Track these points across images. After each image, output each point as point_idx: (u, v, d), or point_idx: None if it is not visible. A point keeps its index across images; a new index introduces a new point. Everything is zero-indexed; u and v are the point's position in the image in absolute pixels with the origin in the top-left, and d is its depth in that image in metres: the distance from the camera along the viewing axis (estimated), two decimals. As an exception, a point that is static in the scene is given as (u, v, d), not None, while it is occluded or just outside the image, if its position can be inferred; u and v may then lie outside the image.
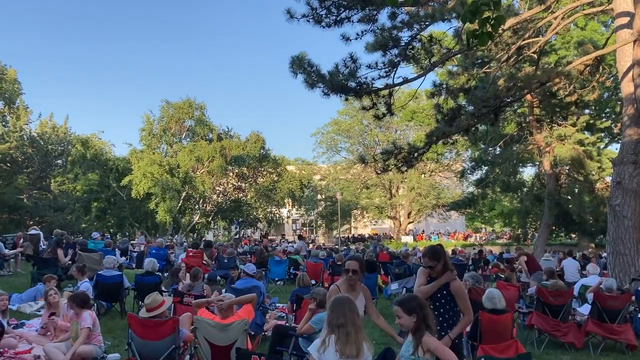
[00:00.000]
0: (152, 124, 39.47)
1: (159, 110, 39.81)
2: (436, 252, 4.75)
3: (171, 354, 5.62)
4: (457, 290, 4.68)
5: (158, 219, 35.16)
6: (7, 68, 47.34)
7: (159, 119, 39.47)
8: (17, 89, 48.05)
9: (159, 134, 39.54)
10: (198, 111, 39.79)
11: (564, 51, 25.01)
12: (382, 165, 14.24)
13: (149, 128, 39.43)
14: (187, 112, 39.03)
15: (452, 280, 4.69)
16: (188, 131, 40.23)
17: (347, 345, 3.61)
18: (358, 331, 3.69)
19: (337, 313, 3.75)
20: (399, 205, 48.91)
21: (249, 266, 10.28)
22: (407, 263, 15.33)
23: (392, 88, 13.18)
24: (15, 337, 7.64)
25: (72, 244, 14.07)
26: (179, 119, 38.95)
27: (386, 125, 45.21)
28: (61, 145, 44.68)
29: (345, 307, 3.78)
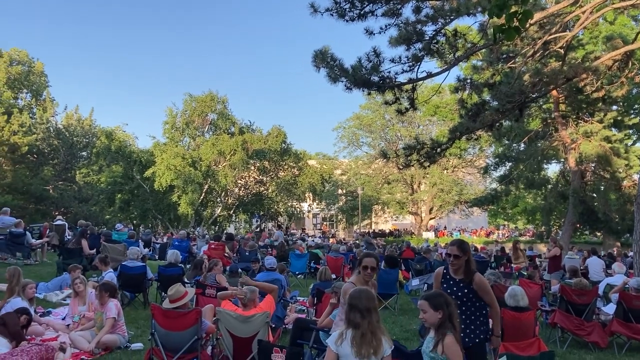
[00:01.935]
0: (175, 117, 39.86)
1: (182, 103, 40.24)
2: (465, 244, 4.74)
3: (193, 344, 5.69)
4: (480, 284, 4.63)
5: (180, 211, 35.56)
6: (34, 61, 48.24)
7: (182, 112, 39.84)
8: (44, 81, 48.95)
9: (182, 127, 39.92)
10: (220, 105, 40.04)
11: (592, 46, 24.54)
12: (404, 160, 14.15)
13: (172, 121, 39.83)
14: (209, 106, 39.30)
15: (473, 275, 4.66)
16: (210, 125, 40.52)
17: (362, 347, 3.62)
18: (375, 330, 3.68)
19: (355, 311, 3.74)
20: (420, 201, 48.63)
21: (269, 259, 10.35)
22: (428, 259, 15.27)
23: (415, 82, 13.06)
24: (42, 325, 7.82)
25: (96, 235, 14.28)
26: (202, 112, 39.25)
27: (409, 120, 44.95)
28: (86, 137, 45.38)
29: (363, 304, 3.75)
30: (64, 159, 43.42)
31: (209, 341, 6.08)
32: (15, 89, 46.03)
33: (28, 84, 47.39)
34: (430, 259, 15.40)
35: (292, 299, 9.99)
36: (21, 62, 47.26)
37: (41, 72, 48.55)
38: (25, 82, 46.98)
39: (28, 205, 39.41)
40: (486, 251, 23.32)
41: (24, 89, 47.55)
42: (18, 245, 14.24)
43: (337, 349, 3.71)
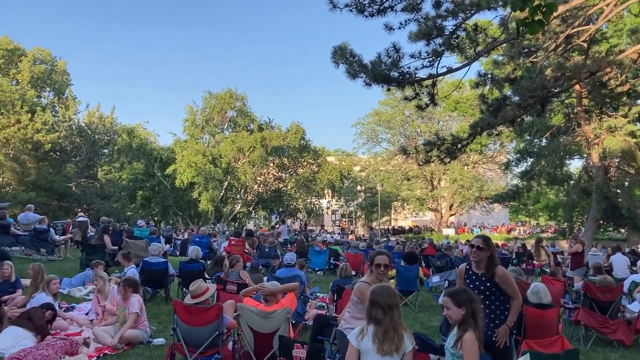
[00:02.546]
0: (195, 114, 40.16)
1: (201, 101, 40.51)
2: (490, 240, 4.72)
3: (215, 340, 5.73)
4: (502, 276, 4.59)
5: (201, 208, 35.86)
6: (57, 60, 48.96)
7: (201, 110, 40.13)
8: (66, 80, 49.70)
9: (202, 125, 40.19)
10: (239, 102, 40.23)
11: (616, 39, 24.09)
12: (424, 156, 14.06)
13: (192, 118, 40.13)
14: (228, 103, 39.50)
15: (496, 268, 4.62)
16: (230, 122, 40.73)
17: (385, 343, 3.62)
18: (397, 327, 3.68)
19: (377, 307, 3.74)
20: (440, 198, 48.34)
21: (288, 255, 10.37)
22: (449, 256, 15.16)
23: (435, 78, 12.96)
24: (66, 320, 7.95)
25: (118, 231, 14.45)
26: (221, 109, 39.47)
27: (428, 115, 44.66)
28: (108, 134, 45.92)
29: (384, 301, 3.74)
30: (86, 157, 43.99)
31: (230, 337, 6.12)
32: (39, 88, 46.79)
33: (51, 82, 48.16)
34: (451, 256, 15.30)
35: (312, 295, 10.00)
36: (44, 61, 48.03)
37: (63, 71, 49.29)
38: (48, 80, 47.74)
39: (51, 202, 40.03)
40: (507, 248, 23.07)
41: (46, 87, 48.34)
42: (42, 241, 14.49)
43: (359, 345, 3.72)
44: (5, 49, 45.13)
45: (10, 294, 8.67)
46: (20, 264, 11.27)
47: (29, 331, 6.59)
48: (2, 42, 45.03)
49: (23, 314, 6.97)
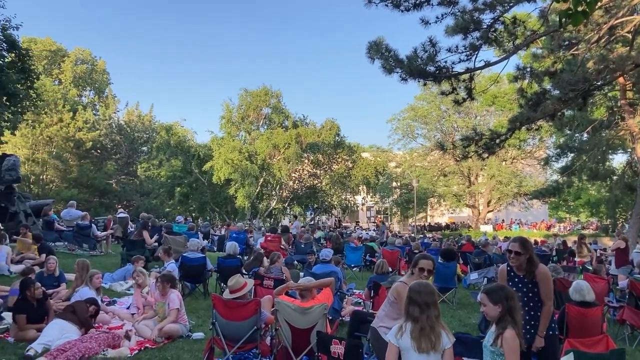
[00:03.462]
0: (231, 111, 40.59)
1: (237, 98, 40.90)
2: (527, 242, 4.61)
3: (253, 334, 5.78)
4: (543, 275, 4.49)
5: (237, 204, 36.27)
6: (97, 59, 50.19)
7: (237, 107, 40.51)
8: (106, 79, 50.95)
9: (238, 122, 40.58)
10: (274, 99, 40.46)
11: (662, 30, 23.24)
12: (461, 152, 13.89)
13: (229, 116, 40.57)
14: (264, 100, 39.77)
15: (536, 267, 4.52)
16: (265, 119, 41.02)
17: (421, 340, 3.62)
18: (434, 325, 3.67)
19: (414, 304, 3.74)
20: (478, 194, 47.64)
21: (324, 251, 10.39)
22: (487, 253, 14.93)
23: (473, 72, 12.78)
24: (108, 314, 8.16)
25: (158, 227, 14.72)
26: (257, 106, 39.78)
27: (465, 110, 44.01)
28: (146, 132, 46.85)
29: (422, 299, 3.74)
30: (126, 154, 45.02)
31: (267, 331, 6.17)
32: (80, 87, 48.09)
33: (91, 81, 49.45)
34: (489, 253, 15.06)
35: (348, 292, 10.00)
36: (85, 61, 49.31)
37: (103, 70, 50.52)
38: (88, 80, 49.03)
39: (92, 198, 41.13)
40: (547, 245, 22.56)
41: (87, 86, 49.65)
42: (84, 237, 14.89)
43: (398, 342, 3.73)
44: (48, 50, 46.48)
45: (55, 288, 8.96)
46: (64, 259, 11.61)
47: (74, 324, 6.78)
48: (46, 43, 46.38)
49: (68, 307, 7.18)
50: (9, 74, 12.84)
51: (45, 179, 41.46)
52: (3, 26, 13.15)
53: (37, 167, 39.88)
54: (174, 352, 6.51)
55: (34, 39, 43.08)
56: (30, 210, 15.94)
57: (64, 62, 47.06)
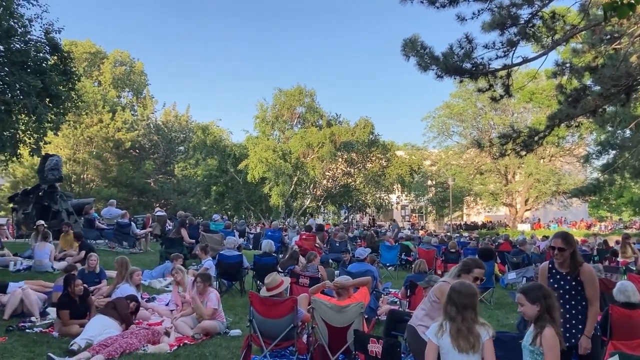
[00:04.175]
0: (265, 111, 40.91)
1: (271, 98, 41.17)
2: (569, 236, 4.51)
3: (290, 332, 5.81)
4: (588, 275, 4.39)
5: (272, 203, 36.52)
6: (135, 61, 51.25)
7: (271, 107, 40.78)
8: (144, 80, 51.97)
9: (272, 121, 40.86)
10: (308, 98, 40.59)
11: None
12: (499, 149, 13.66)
13: (263, 115, 40.90)
14: (298, 99, 39.93)
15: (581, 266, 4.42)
16: (299, 118, 41.19)
17: (459, 340, 3.61)
18: (470, 326, 3.64)
19: (452, 304, 3.73)
20: (515, 192, 46.81)
21: (360, 250, 10.36)
22: (525, 252, 14.66)
23: (510, 68, 12.56)
24: (148, 310, 8.33)
25: (195, 225, 14.94)
26: (291, 106, 39.98)
27: (502, 107, 43.30)
28: (183, 132, 47.61)
29: (460, 300, 3.71)
30: (164, 154, 45.85)
31: (304, 329, 6.19)
32: (119, 88, 49.17)
33: (130, 83, 50.51)
34: (527, 252, 14.77)
35: (384, 291, 9.96)
36: (123, 63, 50.39)
37: (141, 72, 51.55)
38: (127, 81, 50.10)
39: (131, 197, 42.06)
40: (588, 244, 22.02)
41: (126, 88, 50.74)
42: (124, 235, 15.23)
43: (438, 341, 3.73)
44: (88, 52, 47.64)
45: (96, 285, 9.19)
46: (104, 256, 11.89)
47: (115, 320, 6.95)
48: (86, 45, 47.55)
49: (109, 304, 7.37)
50: (51, 76, 13.21)
51: (86, 178, 42.55)
52: (46, 30, 13.52)
53: (78, 167, 40.94)
54: (212, 348, 6.60)
55: (74, 41, 44.18)
56: (72, 208, 16.40)
57: (103, 64, 48.18)
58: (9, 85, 12.50)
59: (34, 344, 6.54)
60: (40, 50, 13.42)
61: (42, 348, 6.36)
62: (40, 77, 12.77)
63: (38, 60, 13.25)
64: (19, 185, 35.27)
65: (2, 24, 11.76)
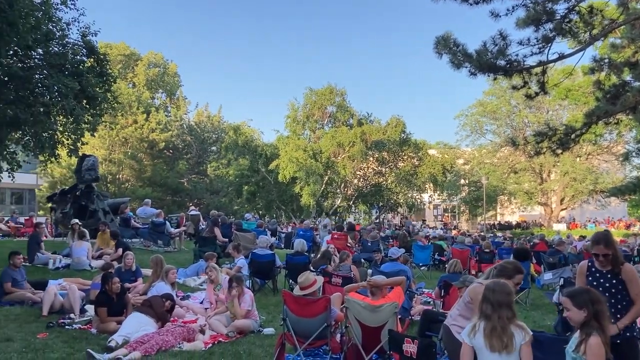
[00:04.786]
0: (296, 111, 41.05)
1: (302, 97, 41.29)
2: (609, 238, 4.38)
3: (323, 331, 5.80)
4: (629, 274, 4.27)
5: (302, 202, 36.63)
6: (168, 62, 52.02)
7: (302, 106, 40.89)
8: (177, 81, 52.73)
9: (303, 121, 40.98)
10: (339, 97, 40.54)
11: None
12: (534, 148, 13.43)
13: (294, 115, 41.05)
14: (328, 99, 39.94)
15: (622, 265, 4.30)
16: (330, 117, 41.19)
17: (493, 339, 3.56)
18: (505, 325, 3.58)
19: (487, 302, 3.68)
20: (550, 191, 45.91)
21: (393, 249, 10.30)
22: (561, 252, 14.37)
23: (545, 65, 12.34)
24: (182, 308, 8.44)
25: (228, 225, 15.09)
26: (322, 105, 40.01)
27: (537, 105, 42.51)
28: (215, 132, 48.13)
29: (495, 298, 3.66)
30: (196, 154, 46.44)
31: (338, 329, 6.18)
32: (152, 90, 49.97)
33: (163, 84, 51.30)
34: (564, 252, 14.47)
35: (418, 291, 9.88)
36: (157, 65, 51.21)
37: (174, 73, 52.31)
38: (160, 82, 50.89)
39: (165, 197, 42.73)
40: (627, 244, 21.43)
41: (159, 89, 51.53)
42: (159, 233, 15.48)
43: (471, 341, 3.69)
44: (123, 54, 48.55)
45: (132, 283, 9.36)
46: (140, 255, 12.08)
47: (151, 318, 7.06)
48: (120, 48, 48.46)
49: (145, 302, 7.49)
50: (88, 78, 13.47)
51: (122, 178, 43.40)
52: (83, 33, 13.80)
53: (113, 167, 41.78)
54: (246, 346, 6.64)
55: (109, 44, 45.06)
56: (108, 208, 16.73)
57: (137, 66, 49.05)
58: (48, 88, 12.79)
59: (73, 340, 6.70)
60: (78, 53, 13.70)
61: (81, 344, 6.50)
62: (78, 79, 13.03)
63: (75, 63, 13.54)
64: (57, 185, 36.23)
65: (42, 28, 12.05)
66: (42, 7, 12.21)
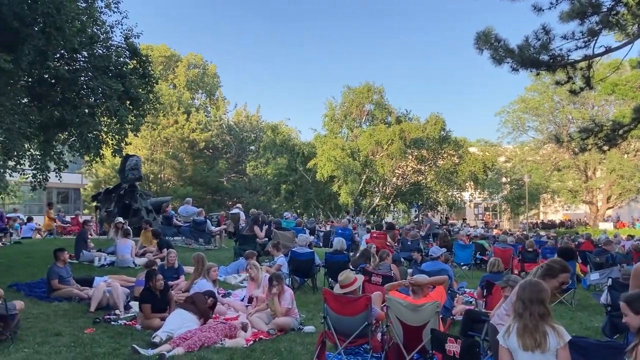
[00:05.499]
0: (334, 109, 41.00)
1: (340, 96, 41.23)
2: None
3: (364, 330, 5.79)
4: None
5: (340, 201, 36.59)
6: (208, 63, 52.78)
7: (340, 105, 40.84)
8: (216, 82, 53.45)
9: (341, 119, 40.93)
10: (377, 95, 40.28)
11: None
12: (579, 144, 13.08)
13: (331, 114, 41.03)
14: (366, 97, 39.76)
15: None
16: (367, 115, 41.00)
17: (524, 337, 3.51)
18: (537, 323, 3.51)
19: (519, 300, 3.65)
20: (596, 189, 44.58)
21: (434, 248, 10.19)
22: (609, 252, 13.94)
23: (591, 59, 11.99)
24: (224, 305, 8.54)
25: (267, 223, 15.20)
26: (359, 103, 39.87)
27: (581, 100, 41.30)
28: (254, 132, 48.55)
29: (526, 295, 3.62)
30: (236, 153, 46.96)
31: (378, 327, 6.15)
32: (192, 90, 50.76)
33: (203, 85, 52.07)
34: (612, 252, 14.03)
35: (459, 290, 9.75)
36: (197, 66, 52.02)
37: (214, 74, 53.05)
38: (200, 83, 51.67)
39: (205, 195, 43.33)
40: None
41: (199, 89, 52.30)
42: (200, 232, 15.71)
43: (506, 343, 3.64)
44: (163, 56, 49.49)
45: (174, 280, 9.53)
46: (181, 253, 12.29)
47: (194, 314, 7.18)
48: (161, 49, 49.42)
49: (188, 299, 7.62)
50: (131, 80, 13.77)
51: (163, 177, 44.23)
52: (126, 35, 14.12)
53: (155, 167, 42.62)
54: (287, 344, 6.68)
55: (150, 46, 45.96)
56: (151, 206, 17.10)
57: (177, 67, 49.91)
58: (93, 89, 13.13)
59: (119, 336, 6.87)
60: (121, 55, 14.03)
61: (126, 340, 6.66)
62: (121, 80, 13.34)
63: (119, 65, 13.86)
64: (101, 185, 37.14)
65: (87, 31, 12.38)
66: (87, 11, 12.54)
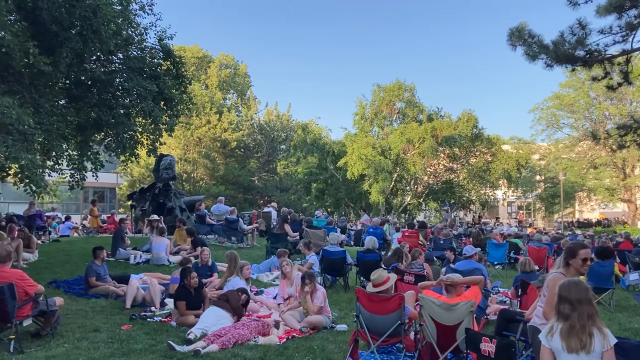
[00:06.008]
0: (364, 108, 40.89)
1: (370, 94, 41.08)
2: None
3: (397, 329, 5.78)
4: None
5: (371, 200, 36.48)
6: (239, 64, 53.24)
7: (370, 103, 40.69)
8: (247, 82, 53.88)
9: (371, 117, 40.78)
10: (408, 93, 39.98)
11: None
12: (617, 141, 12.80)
13: (362, 112, 40.92)
14: (397, 95, 39.50)
15: None
16: (398, 113, 40.73)
17: (570, 339, 3.45)
18: (585, 324, 3.45)
19: (564, 302, 3.57)
20: (634, 187, 43.38)
21: (468, 247, 10.10)
22: (649, 251, 13.57)
23: (630, 54, 11.73)
24: (257, 303, 8.63)
25: (298, 221, 15.28)
26: (390, 101, 39.63)
27: (619, 96, 40.20)
28: (284, 131, 48.78)
29: (573, 295, 3.55)
30: (267, 152, 47.28)
31: (411, 327, 6.13)
32: (224, 90, 51.28)
33: (234, 85, 52.54)
34: (652, 251, 13.66)
35: (494, 290, 9.63)
36: (228, 66, 52.52)
37: (245, 74, 53.47)
38: (232, 83, 52.14)
39: (237, 194, 43.71)
40: None
41: (230, 89, 52.80)
42: (233, 230, 15.89)
43: (549, 344, 3.60)
44: (196, 57, 50.09)
45: (208, 277, 9.68)
46: (214, 250, 12.46)
47: (227, 312, 7.28)
48: (193, 50, 50.02)
49: (222, 296, 7.72)
50: (165, 81, 14.01)
51: (196, 176, 44.80)
52: (160, 37, 14.38)
53: (188, 166, 43.21)
54: (320, 342, 6.71)
55: (183, 47, 46.54)
56: (184, 205, 17.36)
57: (209, 68, 50.47)
58: (128, 90, 13.43)
59: (154, 332, 7.01)
60: (155, 56, 14.31)
61: (162, 336, 6.79)
62: (155, 81, 13.61)
63: (153, 66, 14.14)
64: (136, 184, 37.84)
65: (122, 34, 12.66)
66: (123, 14, 12.82)
